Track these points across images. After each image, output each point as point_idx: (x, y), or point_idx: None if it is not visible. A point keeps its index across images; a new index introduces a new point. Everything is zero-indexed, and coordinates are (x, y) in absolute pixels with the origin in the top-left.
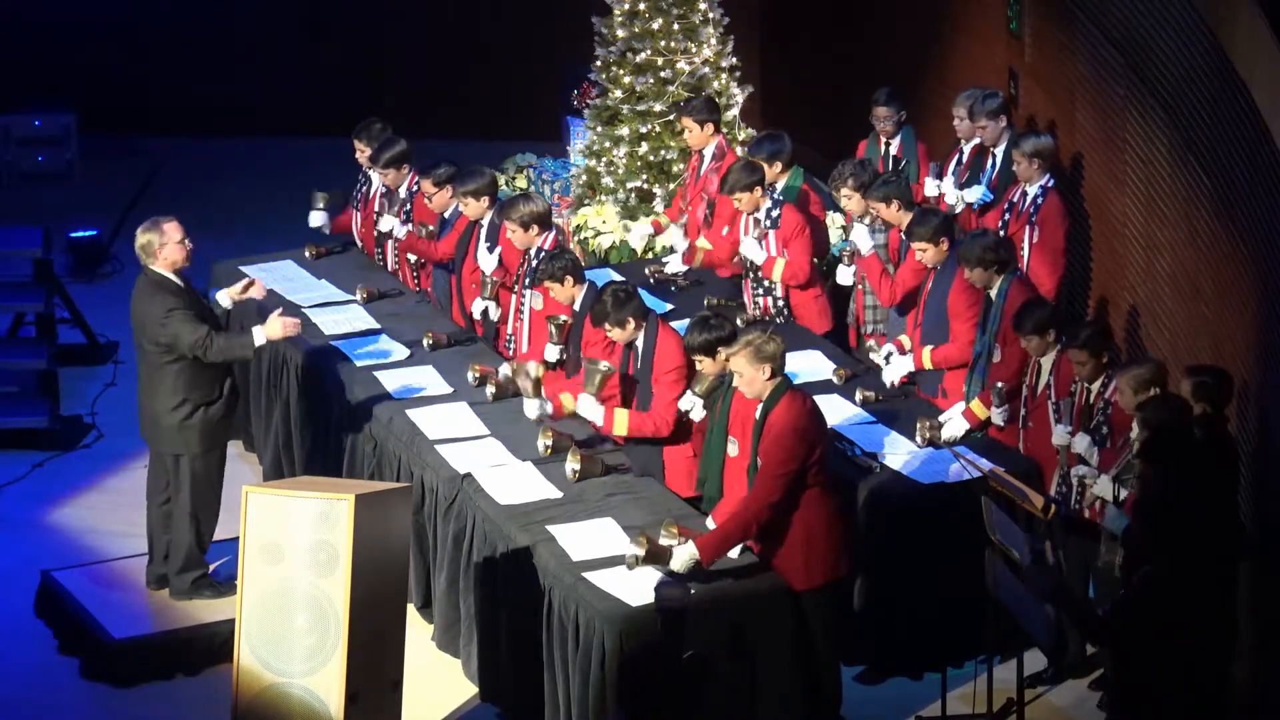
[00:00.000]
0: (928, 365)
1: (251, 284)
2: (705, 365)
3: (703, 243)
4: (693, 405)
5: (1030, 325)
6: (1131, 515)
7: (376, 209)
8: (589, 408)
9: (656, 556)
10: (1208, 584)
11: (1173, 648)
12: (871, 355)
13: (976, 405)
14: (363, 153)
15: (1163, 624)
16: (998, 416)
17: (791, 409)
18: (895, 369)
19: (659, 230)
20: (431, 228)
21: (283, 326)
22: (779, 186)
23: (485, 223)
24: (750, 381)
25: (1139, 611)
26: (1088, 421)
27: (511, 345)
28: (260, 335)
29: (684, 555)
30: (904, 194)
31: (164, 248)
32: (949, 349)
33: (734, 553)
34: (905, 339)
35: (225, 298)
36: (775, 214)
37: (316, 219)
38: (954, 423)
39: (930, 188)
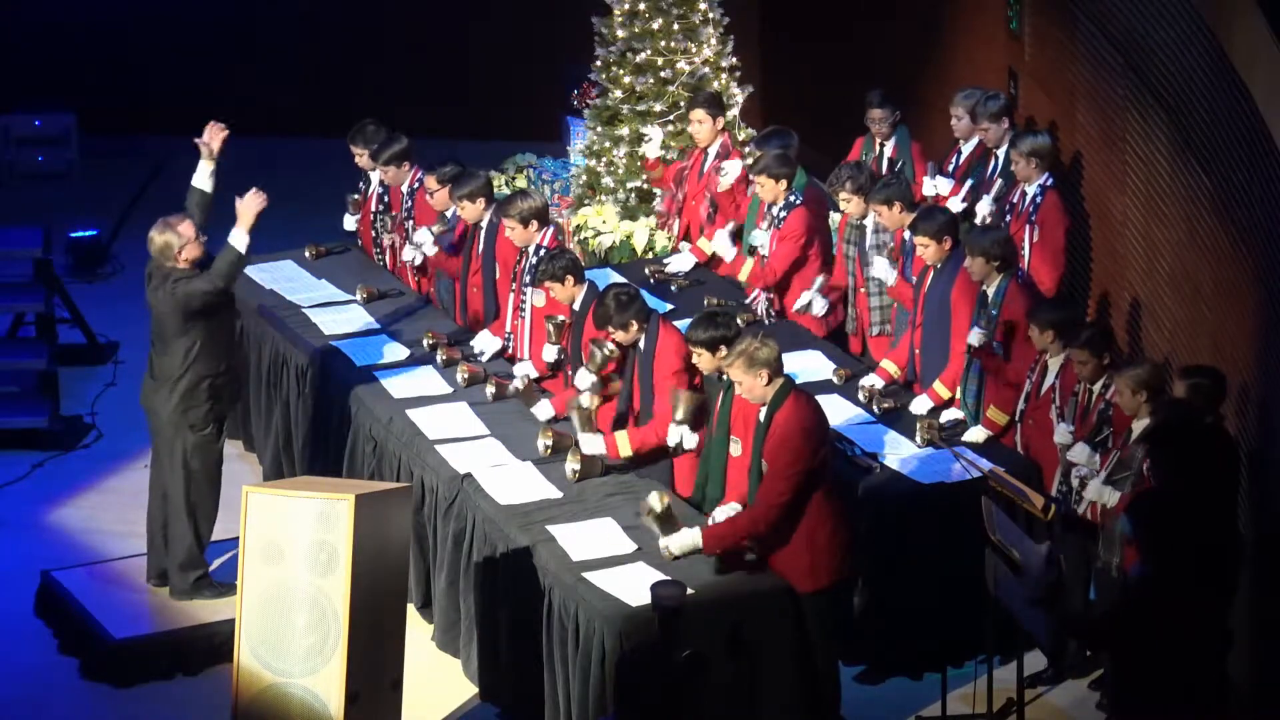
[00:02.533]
0: (946, 395)
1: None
2: (703, 361)
3: (704, 243)
4: (680, 436)
5: (1043, 317)
6: (1127, 514)
7: (374, 210)
8: (591, 444)
9: (669, 521)
10: (1204, 584)
11: (1170, 648)
12: (879, 395)
13: (994, 413)
14: (360, 156)
15: (1159, 624)
16: (975, 337)
17: (797, 410)
18: (920, 409)
19: (701, 259)
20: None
21: (250, 203)
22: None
23: (484, 225)
24: (750, 389)
25: (1135, 612)
26: (1091, 426)
27: (510, 343)
28: (240, 235)
29: (686, 539)
30: (905, 195)
31: (184, 249)
32: (956, 367)
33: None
34: (891, 366)
35: (202, 165)
36: (783, 215)
37: (350, 223)
38: (975, 431)
39: (928, 187)
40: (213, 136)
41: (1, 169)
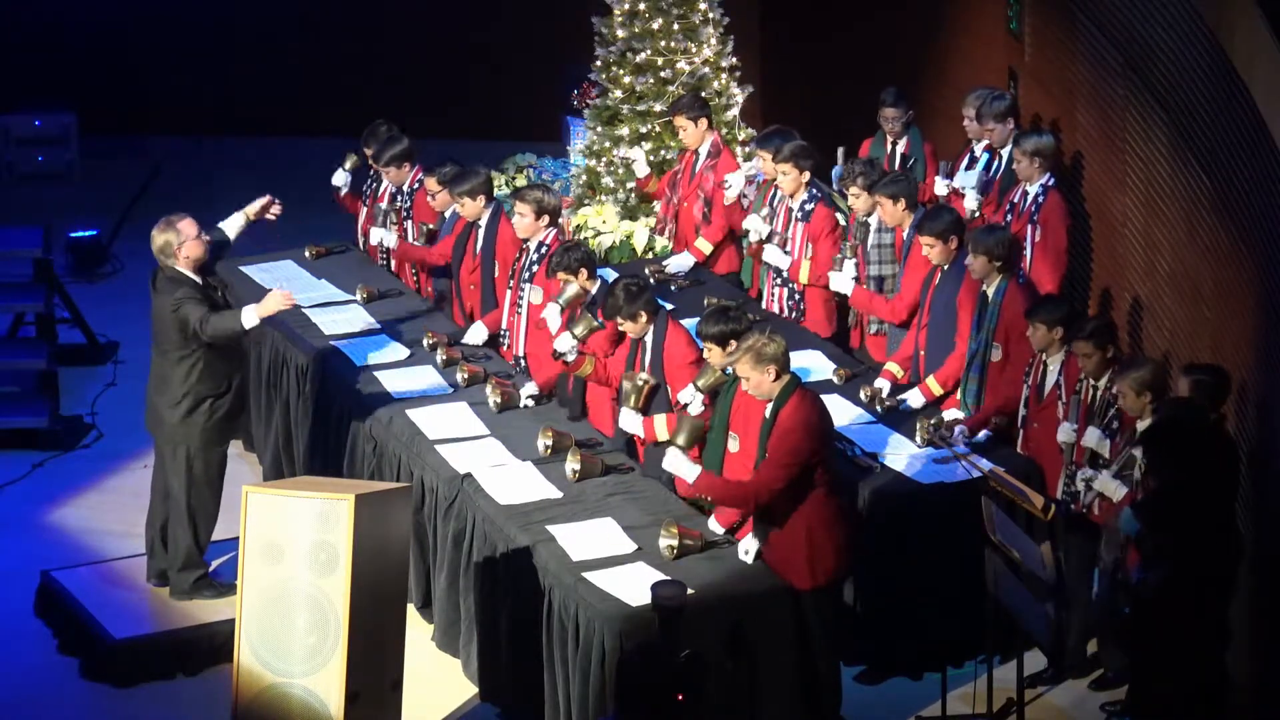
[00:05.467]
0: (939, 392)
1: (271, 203)
2: (713, 356)
3: (701, 244)
4: (692, 398)
5: (1043, 314)
6: (1136, 517)
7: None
8: (677, 464)
9: (692, 432)
10: (1211, 585)
11: (1177, 648)
12: (883, 398)
13: (931, 382)
14: (371, 155)
15: (1170, 625)
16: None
17: (802, 407)
18: (913, 402)
19: (700, 259)
20: (431, 226)
21: (277, 301)
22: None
23: (483, 223)
24: (757, 385)
25: (1150, 615)
26: (1097, 418)
27: (506, 339)
28: (252, 314)
29: (681, 464)
30: (911, 193)
31: (183, 246)
32: (952, 365)
33: (746, 555)
34: (895, 368)
35: (237, 218)
36: (809, 208)
37: (339, 178)
38: (912, 394)
39: (940, 187)
40: (266, 209)
41: (1, 169)
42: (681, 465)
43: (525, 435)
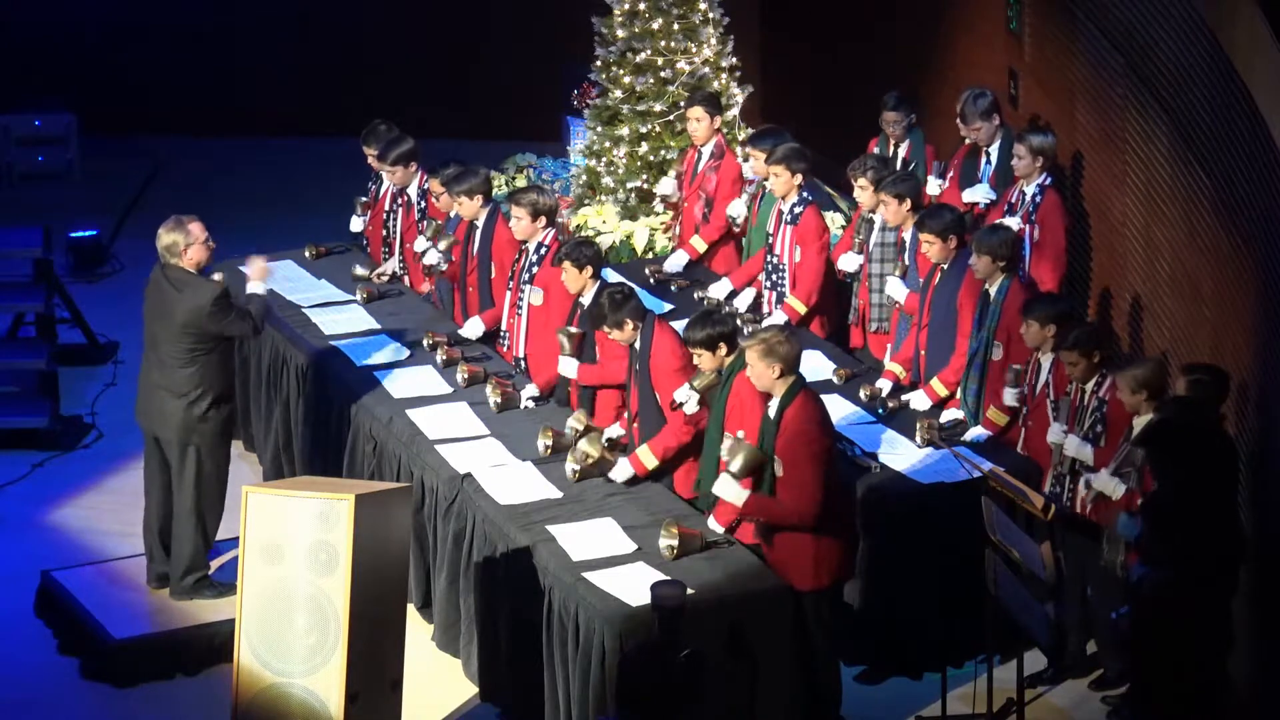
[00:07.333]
0: (944, 393)
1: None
2: (704, 360)
3: (696, 241)
4: (688, 398)
5: (1036, 311)
6: (1140, 518)
7: (386, 208)
8: (727, 489)
9: (748, 459)
10: (1213, 587)
11: (1177, 648)
12: (885, 399)
13: (994, 413)
14: (372, 156)
15: (1170, 625)
16: (1011, 398)
17: (806, 407)
18: (917, 405)
19: (695, 257)
20: (440, 223)
21: (261, 266)
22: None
23: (480, 223)
24: (759, 376)
25: (1150, 615)
26: (1081, 421)
27: (506, 340)
28: (257, 284)
29: (732, 491)
30: (916, 194)
31: (190, 248)
32: (956, 365)
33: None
34: (897, 368)
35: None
36: (798, 211)
37: (357, 224)
38: (975, 431)
39: (933, 187)
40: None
41: (1, 169)
42: (731, 490)
43: (525, 435)
